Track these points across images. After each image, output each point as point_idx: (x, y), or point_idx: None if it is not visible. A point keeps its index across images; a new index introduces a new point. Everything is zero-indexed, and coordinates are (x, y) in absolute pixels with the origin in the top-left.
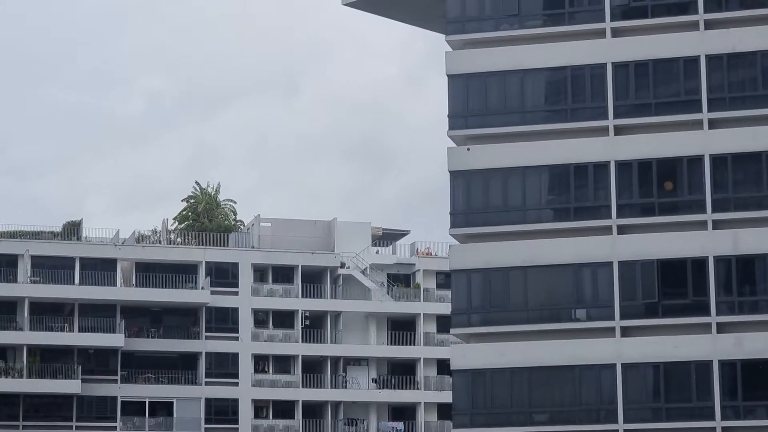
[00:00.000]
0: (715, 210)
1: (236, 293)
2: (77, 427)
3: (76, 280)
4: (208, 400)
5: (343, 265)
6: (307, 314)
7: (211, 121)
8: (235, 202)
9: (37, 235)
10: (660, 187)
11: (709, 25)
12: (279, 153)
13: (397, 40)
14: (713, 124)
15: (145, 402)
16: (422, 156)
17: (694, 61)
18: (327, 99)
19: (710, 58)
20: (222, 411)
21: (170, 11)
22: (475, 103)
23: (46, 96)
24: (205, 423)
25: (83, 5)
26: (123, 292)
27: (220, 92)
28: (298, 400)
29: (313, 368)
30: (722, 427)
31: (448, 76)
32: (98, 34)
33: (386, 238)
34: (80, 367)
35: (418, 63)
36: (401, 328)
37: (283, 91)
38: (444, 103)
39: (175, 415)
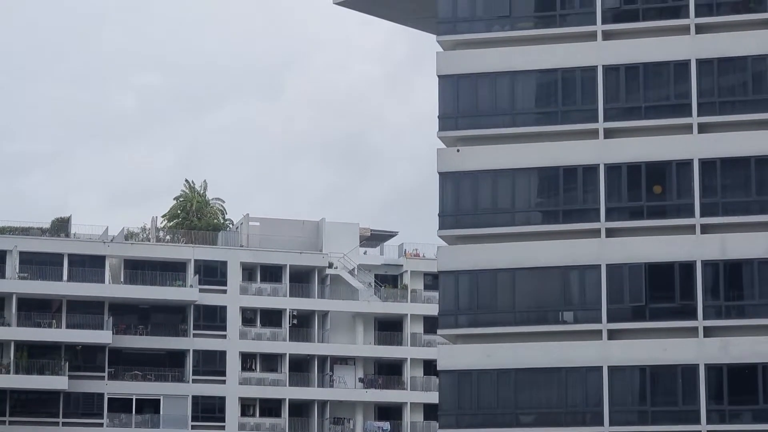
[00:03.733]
0: (703, 214)
1: (224, 291)
2: (64, 424)
3: (65, 276)
4: (195, 398)
5: (331, 265)
6: (295, 313)
7: (201, 119)
8: (223, 201)
9: (25, 231)
10: (649, 191)
11: (700, 29)
12: (265, 152)
13: (380, 39)
14: (703, 128)
15: (132, 399)
16: (405, 156)
17: (684, 65)
18: (310, 98)
19: (701, 63)
20: (209, 409)
21: (161, 8)
22: (465, 105)
23: (37, 92)
24: (192, 420)
25: (75, 1)
26: (111, 289)
27: (210, 90)
28: (285, 399)
29: (300, 367)
30: (708, 431)
31: (438, 76)
32: (90, 30)
33: (374, 239)
34: (67, 364)
35: (401, 63)
36: (388, 328)
37: (271, 89)
38: (427, 103)
39: (162, 413)
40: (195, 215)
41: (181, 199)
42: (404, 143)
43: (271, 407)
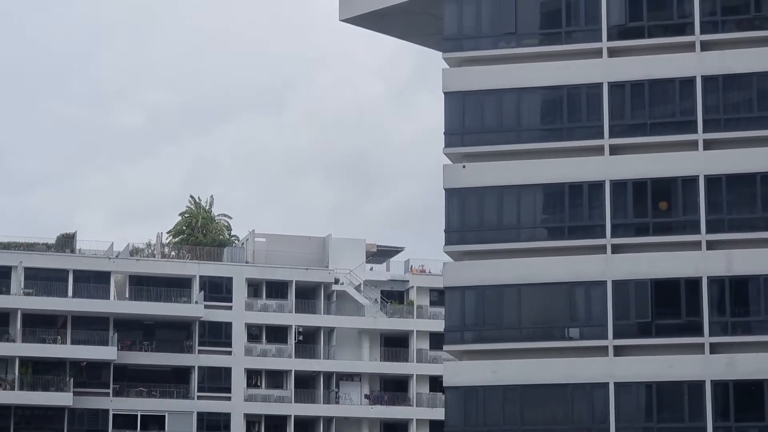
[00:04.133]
0: (709, 231)
1: (230, 308)
2: None
3: (70, 292)
4: (200, 414)
5: (337, 281)
6: (301, 329)
7: (207, 136)
8: (230, 218)
9: (30, 247)
10: (654, 207)
11: (706, 46)
12: (271, 168)
13: (385, 56)
14: (708, 144)
15: (137, 415)
16: (410, 173)
17: (689, 81)
18: (316, 115)
19: (706, 79)
20: (214, 425)
21: (168, 26)
22: (471, 121)
23: (43, 108)
24: None
25: (83, 18)
26: (116, 305)
27: (216, 107)
28: (291, 415)
29: (305, 383)
30: None
31: (444, 93)
32: (98, 47)
33: (380, 254)
34: (72, 380)
35: (405, 80)
36: (394, 344)
37: (276, 106)
38: (431, 119)
39: (166, 429)
40: (200, 231)
41: (186, 216)
42: (409, 160)
43: (276, 424)
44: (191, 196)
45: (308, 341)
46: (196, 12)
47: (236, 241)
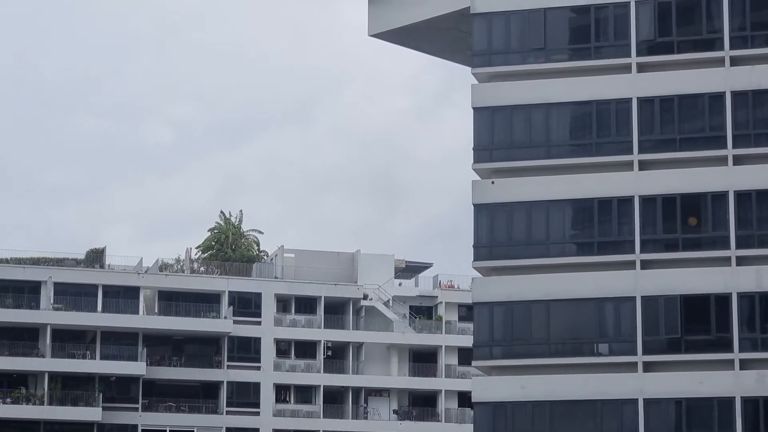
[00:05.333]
0: (738, 246)
1: (259, 323)
2: None
3: (99, 307)
4: (229, 430)
5: (365, 297)
6: (329, 345)
7: (237, 151)
8: (261, 233)
9: (60, 262)
10: (684, 223)
11: (735, 61)
12: (299, 183)
13: (410, 71)
14: (738, 160)
15: (165, 430)
16: (438, 188)
17: (719, 97)
18: (342, 130)
19: (735, 95)
20: None
21: (196, 41)
22: (500, 137)
23: (72, 124)
24: None
25: (113, 33)
26: (145, 320)
27: (245, 122)
28: (320, 430)
29: (334, 399)
30: None
31: (473, 108)
32: (126, 63)
33: (409, 270)
34: (101, 395)
35: (431, 95)
36: (423, 359)
37: (305, 122)
38: (458, 135)
39: None
40: (230, 247)
41: (215, 231)
42: (435, 175)
43: None
44: (221, 212)
45: (337, 356)
46: (224, 28)
47: (265, 257)
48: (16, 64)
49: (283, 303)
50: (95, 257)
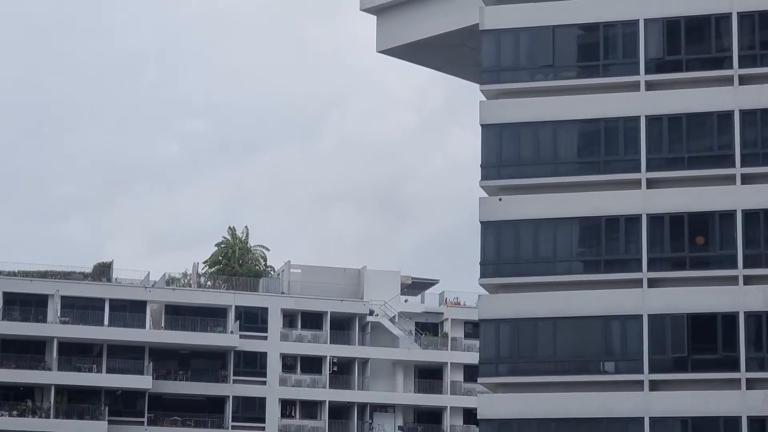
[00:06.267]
0: (746, 265)
1: (265, 338)
2: None
3: (106, 321)
4: None
5: (371, 313)
6: (335, 360)
7: (244, 166)
8: (268, 249)
9: (67, 276)
10: (691, 242)
11: (744, 80)
12: (306, 198)
13: (416, 87)
14: (746, 179)
15: None
16: (444, 204)
17: (727, 116)
18: (348, 146)
19: (744, 113)
20: None
21: (205, 56)
22: (507, 154)
23: (80, 138)
24: None
25: (122, 48)
26: (152, 334)
27: (253, 136)
28: None
29: (339, 414)
30: None
31: (481, 125)
32: (133, 77)
33: (415, 287)
34: (107, 409)
35: (437, 110)
36: (428, 376)
37: (311, 137)
38: (464, 150)
39: None
40: (237, 261)
41: (222, 246)
42: (442, 191)
43: None
44: (229, 227)
45: (343, 372)
46: (232, 44)
47: (272, 272)
48: (27, 77)
49: (289, 318)
50: (102, 271)
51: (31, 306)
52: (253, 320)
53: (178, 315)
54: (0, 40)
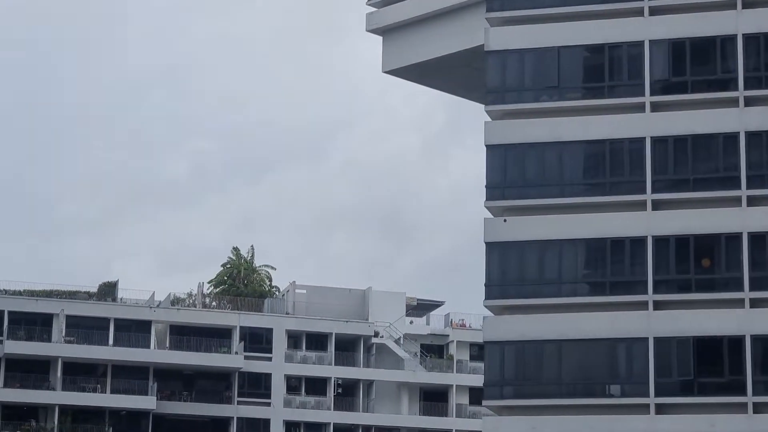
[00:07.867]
0: (752, 288)
1: (269, 359)
2: None
3: (110, 341)
4: None
5: (376, 334)
6: (340, 382)
7: (250, 187)
8: (274, 268)
9: (72, 295)
10: (697, 264)
11: (749, 101)
12: (310, 220)
13: (419, 108)
14: (752, 201)
15: None
16: (449, 225)
17: (733, 137)
18: (354, 167)
19: (750, 135)
20: None
21: (212, 76)
22: (512, 175)
23: (89, 157)
24: None
25: (133, 68)
26: (156, 354)
27: (260, 157)
28: None
29: None
30: None
31: (486, 146)
32: (141, 96)
33: (420, 308)
34: (111, 429)
35: (440, 132)
36: (433, 398)
37: (318, 158)
38: (467, 171)
39: None
40: (242, 282)
41: (228, 266)
42: (447, 212)
43: None
44: (233, 248)
45: (347, 394)
46: (239, 65)
47: (277, 293)
48: (34, 96)
49: (294, 339)
50: (108, 290)
51: (36, 325)
52: (257, 341)
53: (182, 335)
54: (10, 57)
